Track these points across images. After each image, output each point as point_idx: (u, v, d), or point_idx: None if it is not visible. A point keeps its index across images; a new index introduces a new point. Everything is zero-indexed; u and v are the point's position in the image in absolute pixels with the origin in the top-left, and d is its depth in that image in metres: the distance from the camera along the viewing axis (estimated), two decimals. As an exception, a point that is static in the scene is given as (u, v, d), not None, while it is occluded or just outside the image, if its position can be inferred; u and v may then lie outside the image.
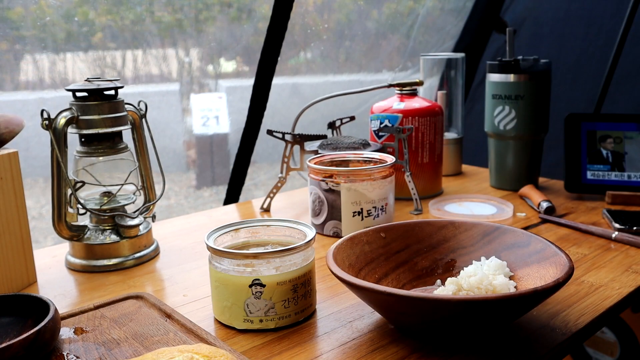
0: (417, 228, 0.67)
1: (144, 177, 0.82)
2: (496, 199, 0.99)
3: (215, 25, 1.48)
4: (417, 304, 0.48)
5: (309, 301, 0.59)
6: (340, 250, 0.60)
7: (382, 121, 1.01)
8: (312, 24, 1.64)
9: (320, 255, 0.77)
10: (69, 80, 1.28)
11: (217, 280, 0.57)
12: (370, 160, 0.89)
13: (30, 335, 0.48)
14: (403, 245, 0.66)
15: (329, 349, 0.53)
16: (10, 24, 1.12)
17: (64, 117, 0.72)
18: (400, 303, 0.49)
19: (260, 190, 1.84)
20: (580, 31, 1.72)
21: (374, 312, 0.60)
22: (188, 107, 1.71)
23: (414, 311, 0.49)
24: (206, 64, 1.62)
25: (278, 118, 1.56)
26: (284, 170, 0.97)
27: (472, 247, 0.66)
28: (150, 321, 0.57)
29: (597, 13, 1.69)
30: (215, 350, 0.46)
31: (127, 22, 1.33)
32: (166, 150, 1.60)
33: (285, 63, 1.64)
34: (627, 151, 1.00)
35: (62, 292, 0.69)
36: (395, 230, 0.66)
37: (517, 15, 1.82)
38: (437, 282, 0.64)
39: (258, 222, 0.65)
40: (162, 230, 0.91)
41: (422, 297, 0.47)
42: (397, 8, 1.78)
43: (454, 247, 0.66)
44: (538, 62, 1.03)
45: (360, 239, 0.63)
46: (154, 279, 0.72)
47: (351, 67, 1.81)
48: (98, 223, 0.76)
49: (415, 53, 1.82)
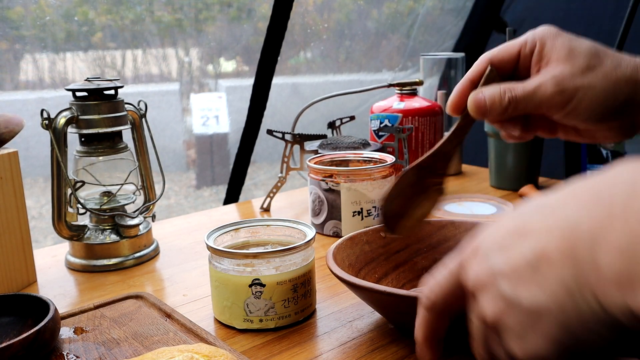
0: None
1: (144, 177, 0.82)
2: (496, 199, 0.99)
3: (215, 25, 1.48)
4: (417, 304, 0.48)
5: (309, 301, 0.59)
6: (340, 250, 0.60)
7: (382, 121, 1.01)
8: (312, 23, 1.64)
9: (320, 255, 0.77)
10: (69, 80, 1.28)
11: (217, 280, 0.57)
12: (370, 160, 0.89)
13: (30, 335, 0.48)
14: (403, 245, 0.66)
15: (329, 349, 0.53)
16: (10, 23, 1.12)
17: (63, 116, 0.72)
18: (400, 303, 0.49)
19: (260, 190, 1.84)
20: (580, 31, 1.71)
21: (374, 312, 0.60)
22: (188, 106, 1.71)
23: (414, 311, 0.49)
24: (206, 64, 1.62)
25: (278, 118, 1.57)
26: (283, 170, 0.97)
27: None
28: (150, 321, 0.57)
29: (597, 13, 1.69)
30: (215, 350, 0.46)
31: (127, 21, 1.33)
32: (166, 150, 1.60)
33: (285, 63, 1.64)
34: (627, 151, 1.00)
35: (62, 291, 0.69)
36: None
37: (517, 15, 1.83)
38: None
39: (258, 222, 0.65)
40: (162, 230, 0.91)
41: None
42: (397, 8, 1.78)
43: (453, 247, 0.66)
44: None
45: (360, 239, 0.63)
46: (153, 278, 0.73)
47: (351, 67, 1.81)
48: (98, 223, 0.76)
49: (415, 53, 1.82)
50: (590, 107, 0.47)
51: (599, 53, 0.48)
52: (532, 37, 0.49)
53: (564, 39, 0.48)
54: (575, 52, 0.47)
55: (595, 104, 0.47)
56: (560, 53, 0.48)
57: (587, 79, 0.47)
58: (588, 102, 0.47)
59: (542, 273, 0.30)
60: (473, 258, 0.35)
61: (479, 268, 0.34)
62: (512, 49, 0.50)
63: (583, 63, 0.47)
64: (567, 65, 0.47)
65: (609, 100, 0.47)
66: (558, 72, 0.47)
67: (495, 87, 0.49)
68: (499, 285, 0.32)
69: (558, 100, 0.47)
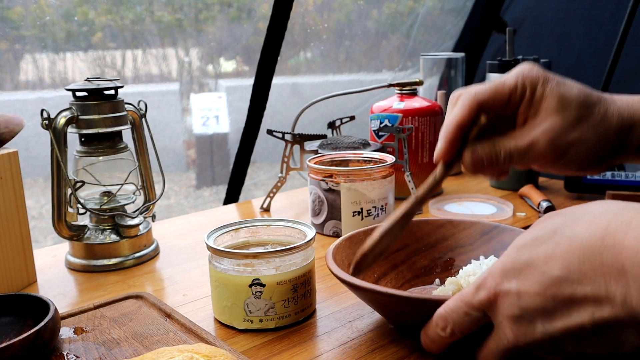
0: (415, 227, 0.67)
1: (144, 177, 0.82)
2: (496, 199, 0.99)
3: (215, 25, 1.48)
4: (416, 304, 0.48)
5: (309, 301, 0.59)
6: (340, 249, 0.60)
7: (382, 121, 1.01)
8: (312, 23, 1.64)
9: (320, 255, 0.77)
10: (69, 80, 1.28)
11: (217, 280, 0.57)
12: (370, 160, 0.89)
13: (30, 335, 0.48)
14: (401, 245, 0.66)
15: (329, 349, 0.53)
16: (10, 23, 1.12)
17: (63, 116, 0.72)
18: (399, 303, 0.49)
19: (260, 190, 1.84)
20: (580, 31, 1.72)
21: (373, 312, 0.60)
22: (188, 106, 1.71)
23: (413, 311, 0.49)
24: (206, 64, 1.62)
25: (278, 118, 1.56)
26: (283, 170, 0.97)
27: (470, 246, 0.66)
28: (150, 321, 0.57)
29: (597, 13, 1.69)
30: (215, 350, 0.46)
31: (127, 21, 1.33)
32: (166, 150, 1.60)
33: (285, 63, 1.64)
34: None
35: (62, 291, 0.69)
36: None
37: (517, 15, 1.82)
38: (435, 281, 0.64)
39: (258, 222, 0.65)
40: (162, 230, 0.91)
41: (422, 297, 0.47)
42: (397, 8, 1.78)
43: (452, 246, 0.66)
44: (538, 62, 1.03)
45: (359, 238, 0.63)
46: (153, 278, 0.73)
47: (351, 67, 1.81)
48: (98, 223, 0.76)
49: (415, 53, 1.82)
50: (582, 159, 0.49)
51: (587, 101, 0.48)
52: (521, 81, 0.49)
53: (552, 85, 0.49)
54: (565, 103, 0.48)
55: (586, 154, 0.49)
56: (551, 103, 0.48)
57: (577, 132, 0.48)
58: (580, 154, 0.49)
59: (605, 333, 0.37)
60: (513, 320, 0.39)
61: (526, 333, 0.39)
62: (503, 94, 0.50)
63: (574, 116, 0.48)
64: (558, 118, 0.48)
65: (599, 151, 0.49)
66: (549, 127, 0.48)
67: (490, 146, 0.50)
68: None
69: (551, 155, 0.49)
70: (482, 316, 0.41)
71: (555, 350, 0.39)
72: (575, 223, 0.38)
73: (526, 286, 0.38)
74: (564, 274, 0.37)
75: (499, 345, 0.41)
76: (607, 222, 0.36)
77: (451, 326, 0.43)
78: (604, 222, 0.37)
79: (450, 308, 0.43)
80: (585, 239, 0.37)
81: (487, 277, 0.41)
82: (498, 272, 0.40)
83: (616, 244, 0.35)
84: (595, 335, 0.36)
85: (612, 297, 0.35)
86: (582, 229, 0.37)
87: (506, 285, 0.39)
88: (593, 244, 0.36)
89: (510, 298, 0.39)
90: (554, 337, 0.38)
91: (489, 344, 0.42)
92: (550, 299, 0.37)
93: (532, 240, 0.40)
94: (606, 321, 0.36)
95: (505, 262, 0.40)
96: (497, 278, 0.40)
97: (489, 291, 0.40)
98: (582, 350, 0.38)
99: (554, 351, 0.39)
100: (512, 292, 0.39)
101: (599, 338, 0.37)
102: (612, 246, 0.35)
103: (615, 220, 0.36)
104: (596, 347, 0.37)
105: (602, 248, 0.36)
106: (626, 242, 0.35)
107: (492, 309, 0.40)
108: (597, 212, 0.38)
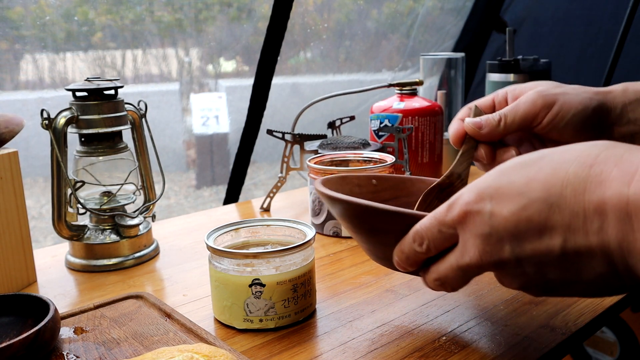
0: (409, 182, 0.66)
1: (144, 177, 0.82)
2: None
3: (215, 25, 1.48)
4: (395, 218, 0.46)
5: (309, 301, 0.59)
6: (330, 182, 0.58)
7: (382, 121, 1.01)
8: (312, 23, 1.64)
9: (320, 255, 0.77)
10: (69, 80, 1.28)
11: (217, 280, 0.57)
12: (370, 160, 0.89)
13: (30, 335, 0.48)
14: (392, 196, 0.64)
15: (329, 349, 0.54)
16: (10, 23, 1.12)
17: (63, 116, 0.72)
18: (380, 216, 0.47)
19: (260, 190, 1.84)
20: (580, 31, 1.72)
21: (374, 311, 0.60)
22: (188, 106, 1.71)
23: (394, 227, 0.47)
24: (206, 64, 1.62)
25: (278, 118, 1.56)
26: (283, 170, 0.97)
27: None
28: (150, 321, 0.57)
29: (597, 13, 1.69)
30: (215, 350, 0.46)
31: (127, 21, 1.33)
32: (166, 150, 1.59)
33: (285, 63, 1.64)
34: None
35: (62, 291, 0.69)
36: (387, 180, 0.65)
37: (517, 15, 1.82)
38: None
39: (258, 222, 0.65)
40: (162, 230, 0.91)
41: (402, 211, 0.46)
42: (396, 8, 1.78)
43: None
44: (538, 61, 1.03)
45: (351, 180, 0.62)
46: (153, 278, 0.73)
47: (351, 67, 1.81)
48: (98, 223, 0.76)
49: (415, 53, 1.82)
50: (569, 115, 0.53)
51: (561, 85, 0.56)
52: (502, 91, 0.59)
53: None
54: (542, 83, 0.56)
55: (573, 111, 0.53)
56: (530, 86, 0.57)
57: (560, 89, 0.55)
58: (566, 110, 0.53)
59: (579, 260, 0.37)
60: (482, 238, 0.39)
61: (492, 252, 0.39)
62: (487, 98, 0.59)
63: (553, 84, 0.56)
64: (541, 87, 0.55)
65: (584, 108, 0.54)
66: (537, 88, 0.56)
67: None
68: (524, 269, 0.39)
69: (540, 104, 0.54)
70: (454, 232, 0.41)
71: (516, 272, 0.39)
72: (565, 151, 0.38)
73: (500, 206, 0.38)
74: (543, 196, 0.36)
75: (459, 261, 0.41)
76: (598, 152, 0.36)
77: (427, 242, 0.43)
78: (595, 151, 0.36)
79: (425, 225, 0.43)
80: (572, 164, 0.36)
81: (461, 196, 0.40)
82: (473, 192, 0.39)
83: (603, 173, 0.34)
84: (561, 261, 0.36)
85: (587, 228, 0.35)
86: (572, 156, 0.37)
87: (479, 205, 0.39)
88: (580, 170, 0.35)
89: (482, 216, 0.38)
90: (519, 259, 0.38)
91: (448, 259, 0.42)
92: (524, 221, 0.37)
93: (516, 164, 0.39)
94: (576, 250, 0.35)
95: (481, 183, 0.40)
96: (472, 197, 0.39)
97: (460, 208, 0.40)
98: (544, 274, 0.38)
99: (515, 274, 0.39)
100: (485, 212, 0.38)
101: (564, 264, 0.36)
102: (599, 174, 0.35)
103: (607, 151, 0.36)
104: (559, 272, 0.37)
105: (587, 176, 0.35)
106: (613, 173, 0.34)
107: (462, 226, 0.40)
108: (591, 144, 0.37)
